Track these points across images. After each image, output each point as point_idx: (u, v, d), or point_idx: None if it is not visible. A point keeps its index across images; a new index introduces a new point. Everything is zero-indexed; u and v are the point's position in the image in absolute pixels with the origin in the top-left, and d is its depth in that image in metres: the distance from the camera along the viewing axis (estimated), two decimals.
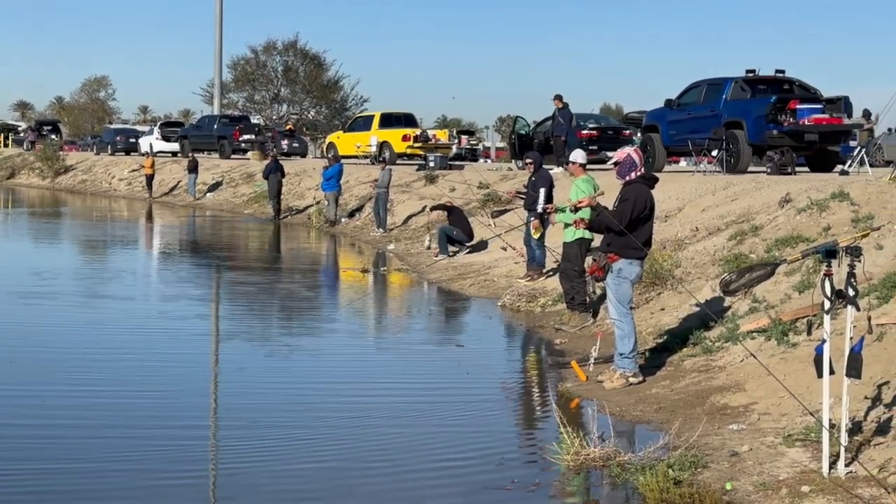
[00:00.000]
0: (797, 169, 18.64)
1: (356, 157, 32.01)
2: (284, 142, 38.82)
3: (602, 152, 23.69)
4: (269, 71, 64.29)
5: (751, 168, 19.38)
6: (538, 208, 13.67)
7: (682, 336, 9.75)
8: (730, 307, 10.11)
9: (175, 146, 42.74)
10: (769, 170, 18.16)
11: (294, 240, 24.08)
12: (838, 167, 19.06)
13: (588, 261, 10.87)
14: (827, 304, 6.01)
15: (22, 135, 61.70)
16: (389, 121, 32.65)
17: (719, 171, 18.70)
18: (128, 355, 9.90)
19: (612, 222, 8.59)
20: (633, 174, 8.70)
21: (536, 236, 14.04)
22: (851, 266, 5.95)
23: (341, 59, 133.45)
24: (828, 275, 6.00)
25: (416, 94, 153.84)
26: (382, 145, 30.79)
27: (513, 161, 27.54)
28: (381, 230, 22.50)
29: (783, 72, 20.08)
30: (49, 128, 58.52)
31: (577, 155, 11.79)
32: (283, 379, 9.28)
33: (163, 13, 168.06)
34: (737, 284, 7.66)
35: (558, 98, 22.79)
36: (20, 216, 30.79)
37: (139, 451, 6.75)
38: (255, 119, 52.27)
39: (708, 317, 9.47)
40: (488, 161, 45.02)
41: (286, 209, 28.06)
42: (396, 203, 23.93)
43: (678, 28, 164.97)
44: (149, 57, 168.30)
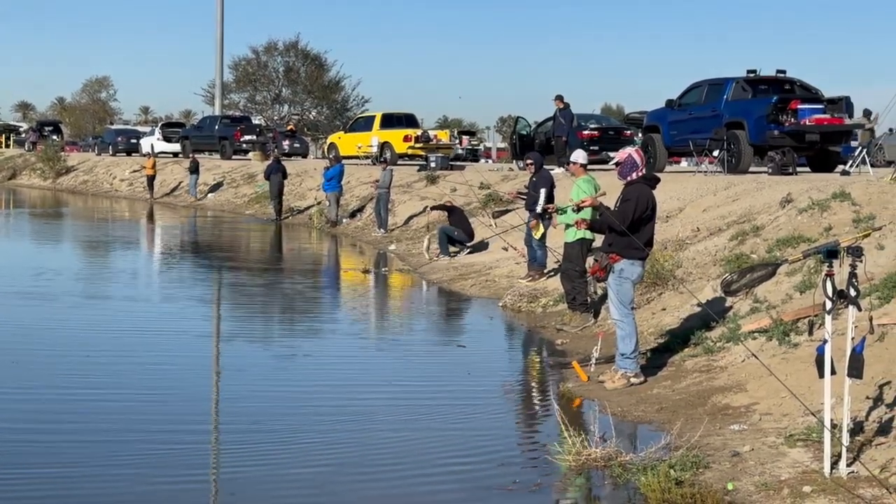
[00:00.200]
0: (798, 169, 18.64)
1: (357, 157, 32.02)
2: (286, 142, 38.84)
3: (603, 152, 23.71)
4: (270, 71, 64.32)
5: (752, 168, 19.38)
6: (537, 209, 13.70)
7: (684, 336, 9.75)
8: (731, 307, 10.11)
9: (176, 147, 42.77)
10: (770, 170, 18.16)
11: (295, 240, 24.08)
12: (839, 167, 19.08)
13: (589, 261, 10.87)
14: (828, 305, 6.01)
15: (23, 135, 61.81)
16: (390, 121, 32.66)
17: (720, 172, 18.70)
18: (129, 357, 9.89)
19: (615, 222, 8.58)
20: (635, 174, 8.70)
21: (537, 236, 14.05)
22: (853, 266, 5.96)
23: (342, 60, 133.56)
24: (829, 275, 6.00)
25: (417, 95, 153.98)
26: (383, 146, 30.79)
27: (514, 161, 27.55)
28: (382, 231, 22.51)
29: (784, 72, 20.09)
30: (50, 128, 58.59)
31: (578, 155, 11.79)
32: (284, 380, 9.27)
33: (163, 13, 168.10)
34: (738, 285, 7.66)
35: (559, 98, 22.80)
36: (21, 217, 30.82)
37: (140, 454, 6.73)
38: (256, 120, 52.33)
39: (709, 317, 9.47)
40: (489, 161, 45.06)
41: (287, 210, 28.07)
42: (397, 203, 23.94)
43: (679, 28, 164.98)
44: (150, 57, 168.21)
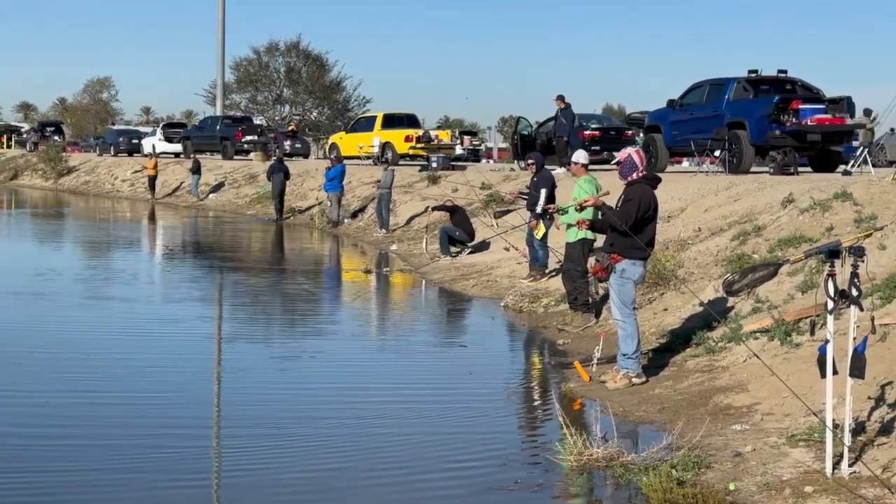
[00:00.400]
0: (800, 169, 18.63)
1: (359, 157, 32.03)
2: (287, 143, 38.84)
3: (604, 153, 23.71)
4: (271, 72, 64.33)
5: (753, 168, 19.36)
6: (537, 209, 13.72)
7: (685, 336, 9.74)
8: (733, 307, 10.11)
9: (178, 147, 42.81)
10: (772, 170, 18.15)
11: (297, 240, 24.09)
12: (841, 167, 19.08)
13: (591, 261, 10.87)
14: (830, 305, 6.01)
15: (25, 136, 61.91)
16: (392, 121, 32.68)
17: (722, 172, 18.69)
18: (130, 358, 9.87)
19: (617, 223, 8.58)
20: (635, 175, 8.70)
21: (538, 236, 14.04)
22: (854, 266, 5.95)
23: (343, 60, 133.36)
24: (831, 275, 6.00)
25: (419, 95, 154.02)
26: (385, 146, 30.80)
27: (515, 161, 27.55)
28: (383, 231, 22.51)
29: (785, 72, 20.08)
30: (52, 129, 58.66)
31: (580, 155, 11.80)
32: (286, 382, 9.25)
33: (165, 14, 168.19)
34: (740, 285, 7.64)
35: (560, 98, 22.80)
36: (23, 217, 30.83)
37: (141, 456, 6.71)
38: (257, 120, 52.31)
39: (711, 317, 9.47)
40: (491, 162, 45.05)
41: (289, 210, 28.07)
42: (399, 204, 23.94)
43: (680, 28, 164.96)
44: (151, 58, 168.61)
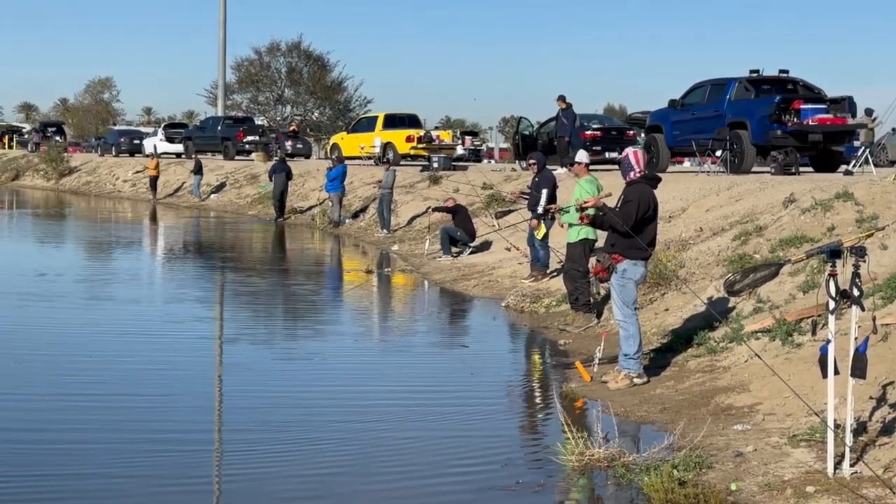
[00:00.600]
0: (801, 169, 18.63)
1: (360, 158, 32.03)
2: (288, 143, 38.84)
3: (606, 153, 23.71)
4: (272, 72, 64.35)
5: (755, 168, 19.36)
6: (538, 209, 13.73)
7: (687, 336, 9.74)
8: (734, 307, 10.10)
9: (179, 147, 42.83)
10: (773, 170, 18.15)
11: (298, 241, 24.09)
12: (842, 167, 19.07)
13: (592, 261, 10.87)
14: (831, 305, 6.00)
15: (26, 136, 61.95)
16: (393, 122, 32.67)
17: (723, 172, 18.68)
18: (131, 359, 9.85)
19: (617, 223, 8.58)
20: (632, 174, 8.69)
21: (540, 237, 14.04)
22: (856, 266, 5.95)
23: (345, 61, 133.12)
24: (832, 275, 6.00)
25: (420, 96, 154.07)
26: (386, 146, 30.80)
27: (517, 162, 27.55)
28: (384, 231, 22.51)
29: (787, 72, 20.08)
30: (53, 129, 58.74)
31: (581, 155, 11.81)
32: (287, 383, 9.25)
33: (166, 14, 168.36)
34: (741, 285, 7.63)
35: (562, 99, 22.80)
36: (24, 217, 30.84)
37: (142, 457, 6.69)
38: (258, 120, 52.36)
39: (712, 317, 9.47)
40: (492, 162, 45.07)
41: (290, 210, 28.06)
42: (400, 204, 23.95)
43: (681, 28, 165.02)
44: (153, 58, 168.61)
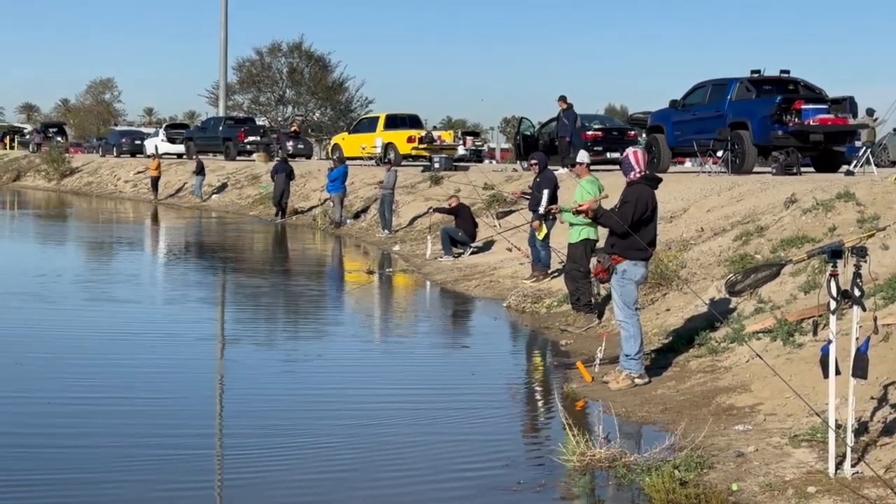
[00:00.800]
0: (802, 169, 18.63)
1: (361, 158, 32.04)
2: (289, 143, 38.86)
3: (607, 153, 23.72)
4: (274, 72, 64.41)
5: (756, 168, 19.37)
6: (540, 209, 13.75)
7: (688, 337, 9.74)
8: (735, 308, 10.10)
9: (180, 148, 42.84)
10: (774, 170, 18.15)
11: (299, 241, 24.10)
12: (844, 167, 19.08)
13: (593, 262, 10.87)
14: (833, 305, 6.00)
15: (28, 137, 61.96)
16: (394, 122, 32.68)
17: (724, 172, 18.69)
18: (131, 360, 9.81)
19: (614, 225, 8.61)
20: (632, 174, 8.70)
21: (541, 237, 14.05)
22: (857, 266, 5.94)
23: (346, 61, 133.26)
24: (833, 275, 5.99)
25: (421, 96, 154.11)
26: (387, 147, 30.80)
27: (518, 162, 27.56)
28: (386, 231, 22.52)
29: (788, 72, 20.08)
30: (55, 130, 58.78)
31: (582, 156, 11.81)
32: (289, 384, 9.24)
33: (167, 15, 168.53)
34: (742, 285, 7.63)
35: (562, 99, 22.81)
36: (26, 218, 30.86)
37: (143, 460, 6.66)
38: (260, 121, 52.38)
39: (713, 317, 9.46)
40: (493, 162, 45.09)
41: (292, 211, 28.02)
42: (401, 204, 23.95)
43: (682, 28, 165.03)
44: (154, 59, 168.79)
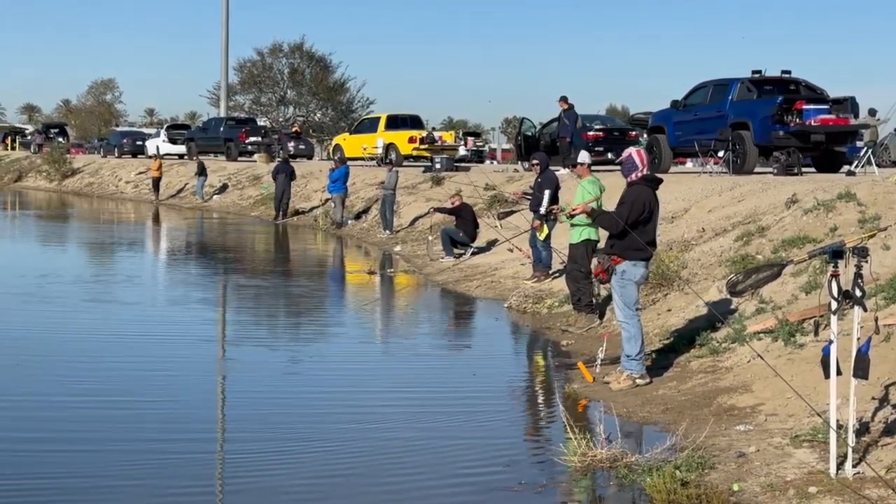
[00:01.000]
0: (804, 169, 18.63)
1: (362, 159, 32.05)
2: (291, 144, 38.87)
3: (608, 153, 23.72)
4: (275, 73, 64.46)
5: (757, 169, 19.37)
6: (540, 210, 13.78)
7: (689, 337, 9.74)
8: (736, 308, 10.10)
9: (182, 148, 42.85)
10: (776, 170, 18.14)
11: (300, 242, 24.11)
12: (845, 168, 19.07)
13: (594, 262, 10.87)
14: (834, 305, 6.00)
15: (29, 138, 61.91)
16: (395, 123, 32.69)
17: (726, 172, 18.69)
18: (132, 361, 9.79)
19: (610, 225, 8.62)
20: (634, 175, 8.69)
21: (542, 237, 14.06)
22: (858, 267, 5.94)
23: (347, 62, 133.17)
24: (834, 275, 5.99)
25: (422, 96, 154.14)
26: (388, 147, 30.80)
27: (519, 162, 27.56)
28: (387, 232, 22.52)
29: (789, 72, 20.07)
30: (56, 130, 58.76)
31: (583, 156, 11.81)
32: (290, 385, 9.21)
33: (169, 16, 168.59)
34: (743, 285, 7.63)
35: (564, 99, 22.81)
36: (27, 219, 30.87)
37: (143, 463, 6.63)
38: (261, 121, 52.40)
39: (715, 318, 9.46)
40: (494, 162, 45.09)
41: (293, 211, 28.00)
42: (403, 205, 23.95)
43: (682, 28, 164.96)
44: (155, 60, 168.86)
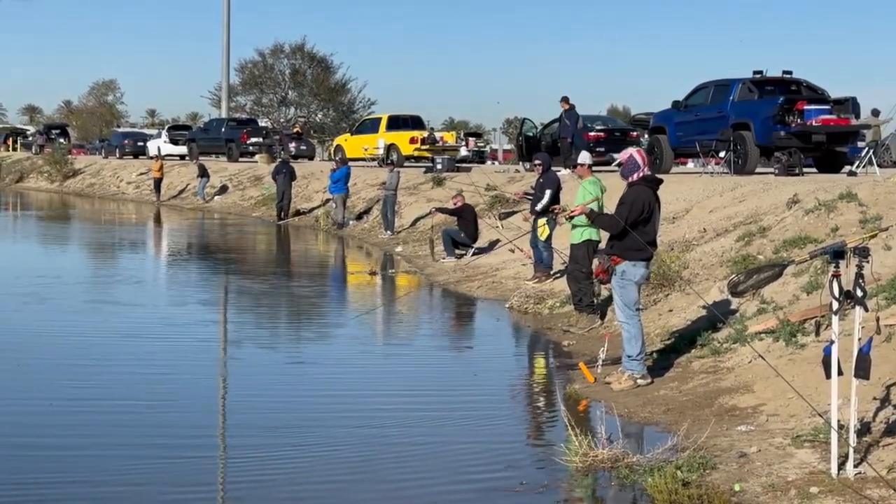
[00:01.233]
0: (805, 170, 18.63)
1: (364, 159, 32.06)
2: (292, 144, 38.87)
3: (609, 154, 23.70)
4: (276, 74, 64.44)
5: (758, 169, 19.37)
6: (537, 207, 13.88)
7: (691, 337, 9.74)
8: (738, 308, 10.10)
9: (183, 149, 42.87)
10: (777, 171, 18.15)
11: (302, 242, 24.12)
12: (846, 168, 19.06)
13: (594, 262, 10.87)
14: (835, 305, 6.00)
15: (30, 138, 61.91)
16: (397, 123, 32.71)
17: (727, 173, 18.69)
18: (133, 362, 9.78)
19: (609, 226, 8.63)
20: (636, 175, 8.69)
21: (543, 238, 14.07)
22: (859, 267, 5.94)
23: (348, 62, 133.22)
24: (836, 276, 5.99)
25: (423, 97, 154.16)
26: (390, 148, 30.82)
27: (520, 163, 27.55)
28: (388, 232, 22.53)
29: (790, 73, 20.08)
30: (57, 131, 58.73)
31: (584, 157, 11.82)
32: (291, 387, 9.20)
33: (170, 17, 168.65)
34: (745, 286, 7.63)
35: (565, 100, 22.82)
36: (28, 219, 30.89)
37: (145, 464, 6.62)
38: (262, 122, 52.38)
39: (716, 318, 9.46)
40: (496, 163, 45.06)
41: (294, 212, 27.99)
42: (404, 205, 23.95)
43: (684, 29, 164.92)
44: (156, 60, 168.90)
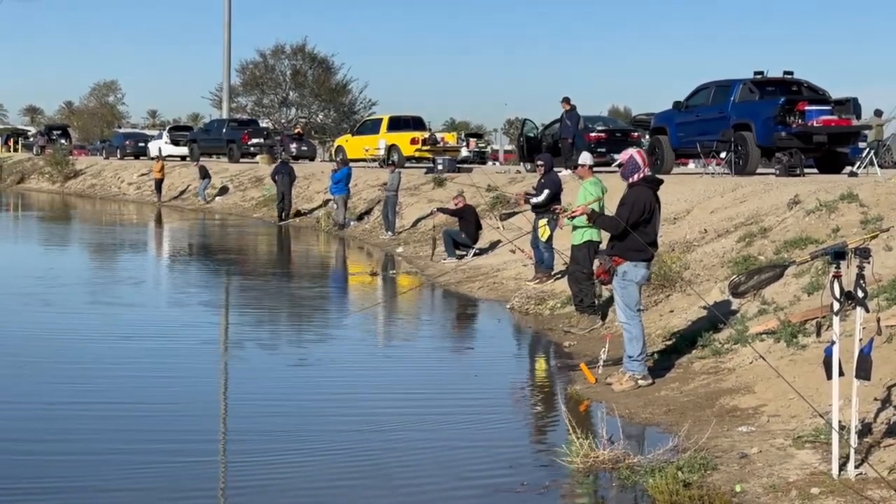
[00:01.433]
0: (806, 170, 18.62)
1: (365, 160, 32.07)
2: (293, 145, 38.88)
3: (610, 155, 23.70)
4: (277, 74, 64.44)
5: (759, 170, 19.37)
6: (532, 201, 14.27)
7: (691, 338, 9.74)
8: (739, 309, 10.10)
9: (184, 150, 42.88)
10: (778, 171, 18.15)
11: (303, 243, 24.12)
12: (847, 168, 19.07)
13: (595, 263, 10.87)
14: (836, 306, 6.00)
15: (31, 139, 61.96)
16: (398, 124, 32.71)
17: (728, 173, 18.69)
18: (134, 364, 9.74)
19: (609, 227, 8.63)
20: (637, 176, 8.69)
21: (543, 238, 14.08)
22: (860, 267, 5.94)
23: (349, 63, 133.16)
24: (837, 276, 5.99)
25: (424, 98, 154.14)
26: (391, 148, 30.83)
27: (521, 163, 27.56)
28: (389, 233, 22.53)
29: (791, 73, 20.07)
30: (58, 132, 58.75)
31: (585, 157, 11.82)
32: (292, 389, 9.19)
33: (171, 18, 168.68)
34: (746, 286, 7.63)
35: (566, 100, 22.82)
36: (29, 220, 30.90)
37: (146, 466, 6.61)
38: (263, 123, 52.40)
39: (717, 319, 9.46)
40: (497, 164, 45.05)
41: (295, 213, 28.00)
42: (405, 206, 23.95)
43: (685, 29, 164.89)
44: (157, 61, 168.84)
